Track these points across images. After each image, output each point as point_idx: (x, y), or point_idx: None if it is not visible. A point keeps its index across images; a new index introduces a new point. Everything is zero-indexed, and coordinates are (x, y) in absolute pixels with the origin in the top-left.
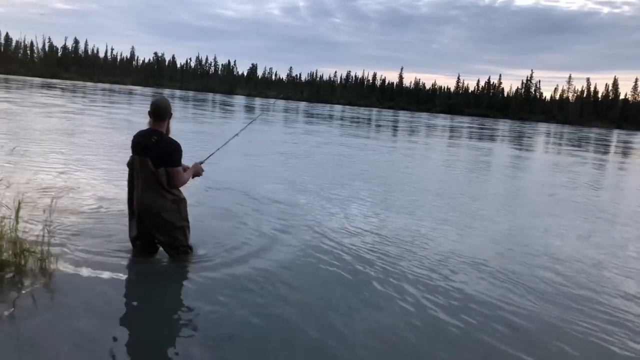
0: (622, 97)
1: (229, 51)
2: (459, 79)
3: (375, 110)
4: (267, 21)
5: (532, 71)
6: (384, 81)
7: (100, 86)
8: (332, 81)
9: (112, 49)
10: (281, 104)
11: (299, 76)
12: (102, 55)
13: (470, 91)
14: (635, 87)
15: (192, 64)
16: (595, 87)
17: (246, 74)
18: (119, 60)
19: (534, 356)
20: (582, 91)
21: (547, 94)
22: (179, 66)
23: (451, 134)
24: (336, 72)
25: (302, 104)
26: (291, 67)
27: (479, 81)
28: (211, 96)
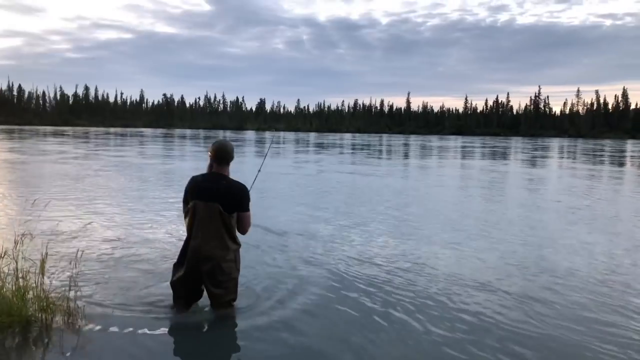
0: (632, 107)
1: (237, 87)
2: (466, 99)
3: (385, 136)
4: (272, 56)
5: (539, 87)
6: (391, 107)
7: (112, 130)
8: (340, 110)
9: (121, 93)
10: (290, 136)
11: (307, 107)
12: (112, 100)
13: (479, 111)
14: None
15: (201, 103)
16: (604, 99)
17: (255, 109)
18: (128, 103)
19: None
20: (592, 103)
21: (557, 109)
22: (188, 106)
23: (478, 154)
24: (343, 101)
25: (312, 135)
26: (299, 99)
27: (487, 100)
28: (221, 133)
